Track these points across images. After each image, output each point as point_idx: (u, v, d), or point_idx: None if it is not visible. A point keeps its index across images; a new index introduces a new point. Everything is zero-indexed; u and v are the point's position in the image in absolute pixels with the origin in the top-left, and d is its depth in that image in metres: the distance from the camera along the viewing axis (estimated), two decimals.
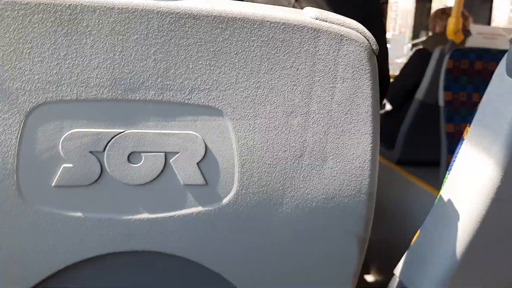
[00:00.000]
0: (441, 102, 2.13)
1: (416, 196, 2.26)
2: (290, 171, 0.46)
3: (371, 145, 0.47)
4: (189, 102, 0.42)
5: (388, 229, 2.29)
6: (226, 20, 0.41)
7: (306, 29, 0.42)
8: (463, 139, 0.56)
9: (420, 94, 2.25)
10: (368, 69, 0.44)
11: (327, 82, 0.44)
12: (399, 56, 3.68)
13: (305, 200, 0.47)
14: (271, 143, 0.45)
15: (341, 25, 0.43)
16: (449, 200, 0.57)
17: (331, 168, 0.47)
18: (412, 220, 2.03)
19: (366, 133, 0.46)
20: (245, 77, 0.43)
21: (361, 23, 0.44)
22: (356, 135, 0.46)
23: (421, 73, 2.26)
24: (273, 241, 0.47)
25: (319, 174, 0.47)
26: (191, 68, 0.42)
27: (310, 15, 0.43)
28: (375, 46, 0.45)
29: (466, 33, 2.12)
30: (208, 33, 0.41)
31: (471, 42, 2.12)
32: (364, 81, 0.45)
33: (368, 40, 0.44)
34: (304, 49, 0.43)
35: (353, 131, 0.46)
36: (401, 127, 2.37)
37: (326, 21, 0.43)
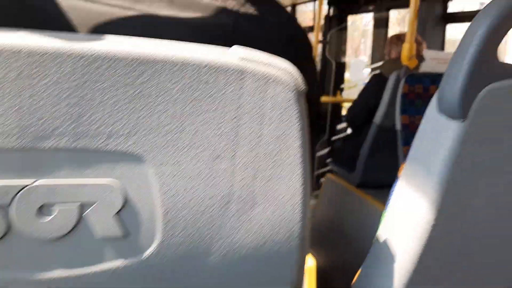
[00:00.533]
0: (398, 126, 2.17)
1: (376, 219, 2.27)
2: (218, 218, 0.44)
3: (302, 187, 0.45)
4: (106, 148, 0.40)
5: (349, 252, 2.29)
6: (145, 62, 0.39)
7: (231, 71, 0.41)
8: (397, 178, 0.55)
9: (378, 118, 2.29)
10: (297, 110, 0.43)
11: (254, 125, 0.43)
12: (359, 80, 3.76)
13: (234, 248, 0.45)
14: (197, 190, 0.43)
15: (268, 66, 0.42)
16: (386, 239, 0.56)
17: (261, 214, 0.45)
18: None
19: (297, 176, 0.45)
20: (167, 121, 0.41)
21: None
22: (286, 178, 0.45)
23: (379, 97, 2.31)
24: None
25: (249, 220, 0.45)
26: (108, 113, 0.39)
27: (236, 55, 0.41)
28: (303, 87, 0.44)
29: (420, 58, 2.19)
30: (126, 75, 0.39)
31: (425, 67, 2.19)
32: (292, 123, 0.43)
33: (296, 81, 0.43)
34: (230, 91, 0.41)
35: (283, 174, 0.45)
36: (361, 150, 2.40)
37: (252, 61, 0.41)
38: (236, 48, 0.42)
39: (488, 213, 0.52)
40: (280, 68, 0.42)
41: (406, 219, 0.53)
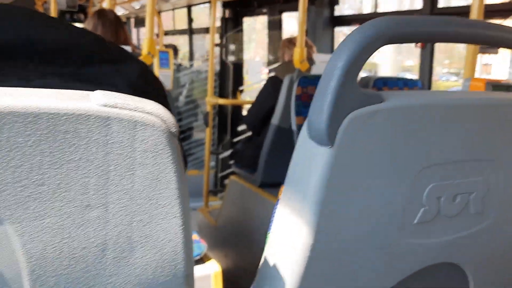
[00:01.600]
0: (294, 126, 2.27)
1: None
2: (94, 268, 0.42)
3: (182, 227, 0.45)
4: None
5: (255, 252, 2.35)
6: None
7: (94, 118, 0.39)
8: (279, 199, 0.57)
9: (275, 119, 2.37)
10: (169, 152, 0.42)
11: (125, 170, 0.41)
12: (257, 81, 3.85)
13: None
14: (67, 242, 0.40)
15: (134, 110, 0.41)
16: (272, 261, 0.58)
17: (141, 258, 0.44)
18: None
19: (175, 216, 0.44)
20: (24, 175, 0.37)
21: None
22: (165, 220, 0.44)
23: (275, 99, 2.38)
24: None
25: (128, 265, 0.43)
26: None
27: (97, 101, 0.39)
28: (174, 128, 0.43)
29: (311, 61, 2.30)
30: None
31: (316, 70, 2.31)
32: (166, 165, 0.42)
33: (166, 122, 0.42)
34: (94, 139, 0.39)
35: (161, 217, 0.44)
36: (261, 151, 2.46)
37: (117, 107, 0.40)
38: (97, 94, 0.40)
39: (362, 228, 0.57)
40: (148, 112, 0.41)
41: (287, 241, 0.55)
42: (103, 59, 0.48)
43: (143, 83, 0.48)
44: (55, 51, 0.45)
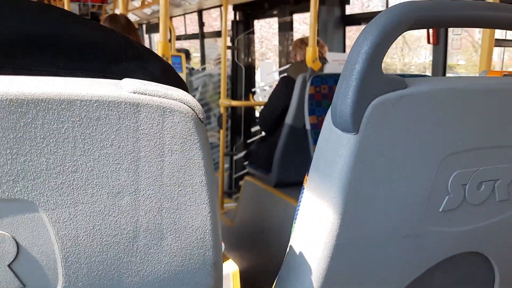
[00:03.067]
0: (307, 126, 2.26)
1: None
2: (125, 255, 0.42)
3: (210, 214, 0.45)
4: None
5: (271, 252, 2.34)
6: (26, 103, 0.36)
7: (124, 105, 0.39)
8: (303, 188, 0.57)
9: (289, 119, 2.37)
10: (197, 138, 0.43)
11: (155, 157, 0.42)
12: (269, 83, 3.86)
13: (146, 282, 0.43)
14: (99, 229, 0.41)
15: (163, 97, 0.41)
16: (298, 249, 0.58)
17: (170, 245, 0.44)
18: None
19: (204, 203, 0.45)
20: (58, 162, 0.38)
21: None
22: (193, 207, 0.44)
23: (288, 99, 2.38)
24: None
25: (158, 253, 0.44)
26: None
27: (127, 88, 0.40)
28: (201, 115, 0.43)
29: (323, 60, 2.29)
30: (5, 119, 0.36)
31: (328, 69, 2.30)
32: (194, 151, 0.43)
33: (193, 109, 0.43)
34: (124, 125, 0.40)
35: (189, 203, 0.44)
36: (275, 151, 2.46)
37: (146, 94, 0.40)
38: (127, 81, 0.40)
39: (388, 216, 0.56)
40: (176, 98, 0.41)
41: (313, 228, 0.55)
42: (129, 57, 0.49)
43: (166, 79, 0.49)
44: (84, 47, 0.46)
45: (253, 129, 3.97)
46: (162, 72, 0.51)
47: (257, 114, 3.95)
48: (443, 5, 0.51)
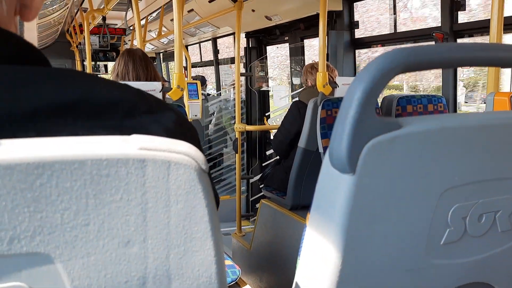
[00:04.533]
0: (320, 149, 2.28)
1: None
2: None
3: (215, 258, 0.48)
4: (9, 253, 0.40)
5: (289, 274, 2.34)
6: (42, 165, 0.40)
7: (132, 161, 0.43)
8: (306, 226, 0.60)
9: (302, 142, 2.40)
10: (200, 187, 0.46)
11: (161, 207, 0.45)
12: (282, 107, 3.91)
13: None
14: (110, 277, 0.44)
15: (168, 151, 0.44)
16: (302, 286, 0.59)
17: None
18: None
19: (209, 248, 0.47)
20: (71, 217, 0.41)
21: None
22: (199, 252, 0.47)
23: (300, 123, 2.41)
24: None
25: None
26: (7, 219, 0.39)
27: (135, 145, 0.43)
28: (204, 165, 0.47)
29: (334, 84, 2.32)
30: (23, 180, 0.39)
31: (339, 92, 2.33)
32: (198, 200, 0.46)
33: (196, 161, 0.46)
34: (132, 180, 0.43)
35: (195, 249, 0.47)
36: (290, 174, 2.48)
37: (152, 150, 0.44)
38: (135, 138, 0.44)
39: (389, 251, 0.58)
40: (180, 152, 0.45)
41: (316, 265, 0.57)
42: (143, 111, 0.52)
43: (178, 130, 0.53)
44: (101, 106, 0.50)
45: (268, 152, 4.00)
46: (175, 124, 0.54)
47: (271, 137, 3.99)
48: (430, 50, 0.53)
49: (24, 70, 0.50)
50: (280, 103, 3.96)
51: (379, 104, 2.39)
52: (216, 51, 5.03)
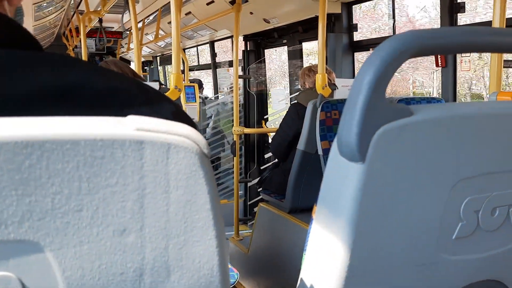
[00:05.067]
0: (320, 151, 2.26)
1: None
2: None
3: (217, 249, 0.45)
4: None
5: (288, 277, 2.30)
6: (31, 144, 0.37)
7: (128, 143, 0.40)
8: (312, 219, 0.57)
9: (301, 145, 2.37)
10: (202, 173, 0.43)
11: (160, 193, 0.42)
12: (281, 109, 3.89)
13: None
14: (104, 268, 0.41)
15: (167, 133, 0.41)
16: (309, 283, 0.56)
17: (177, 282, 0.43)
18: None
19: (210, 238, 0.44)
20: (63, 201, 0.38)
21: None
22: (200, 242, 0.44)
23: (299, 126, 2.39)
24: None
25: None
26: None
27: (131, 126, 0.40)
28: (206, 150, 0.44)
29: (333, 86, 2.30)
30: (10, 161, 0.36)
31: (338, 94, 2.31)
32: (199, 186, 0.43)
33: (198, 144, 0.43)
34: (129, 163, 0.40)
35: (196, 239, 0.44)
36: (288, 177, 2.46)
37: (150, 131, 0.41)
38: (131, 118, 0.41)
39: (399, 245, 0.55)
40: (180, 134, 0.42)
41: (323, 260, 0.54)
42: (142, 101, 0.50)
43: (177, 121, 0.50)
44: (100, 95, 0.48)
45: (267, 156, 3.97)
46: (173, 114, 0.52)
47: (270, 140, 3.97)
48: (443, 33, 0.51)
49: (20, 54, 0.48)
50: (278, 106, 3.94)
51: None
52: (213, 54, 5.01)
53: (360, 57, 3.18)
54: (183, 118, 0.54)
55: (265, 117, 4.10)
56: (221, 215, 0.46)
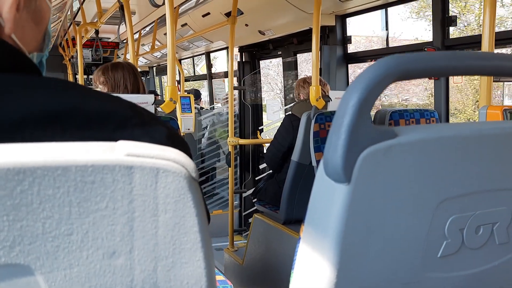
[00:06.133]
0: (314, 162, 2.27)
1: None
2: None
3: (205, 270, 0.46)
4: None
5: (282, 287, 2.30)
6: (23, 171, 0.38)
7: (118, 168, 0.41)
8: (300, 238, 0.58)
9: (295, 156, 2.38)
10: (190, 196, 0.44)
11: (149, 216, 0.43)
12: (275, 120, 3.91)
13: None
14: None
15: (156, 158, 0.43)
16: None
17: None
18: None
19: (199, 260, 0.45)
20: (53, 226, 0.39)
21: None
22: (188, 264, 0.45)
23: (293, 137, 2.41)
24: None
25: None
26: None
27: (121, 151, 0.42)
28: (194, 173, 0.45)
29: (326, 98, 2.33)
30: (2, 187, 0.37)
31: (332, 106, 2.33)
32: (188, 209, 0.44)
33: (186, 168, 0.44)
34: (119, 187, 0.41)
35: (184, 261, 0.45)
36: (283, 188, 2.47)
37: (139, 156, 0.42)
38: (121, 143, 0.42)
39: (385, 264, 0.56)
40: (169, 159, 0.43)
41: (309, 280, 0.55)
42: (135, 124, 0.51)
43: (170, 144, 0.51)
44: (92, 117, 0.49)
45: (261, 166, 3.98)
46: (167, 138, 0.53)
47: (265, 151, 3.98)
48: (427, 57, 0.53)
49: (12, 78, 0.49)
50: (273, 117, 3.96)
51: (372, 118, 2.39)
52: (209, 65, 5.04)
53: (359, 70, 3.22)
54: (176, 141, 0.54)
55: (260, 127, 4.12)
56: (209, 237, 0.47)
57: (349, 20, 3.11)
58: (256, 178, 4.00)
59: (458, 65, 0.55)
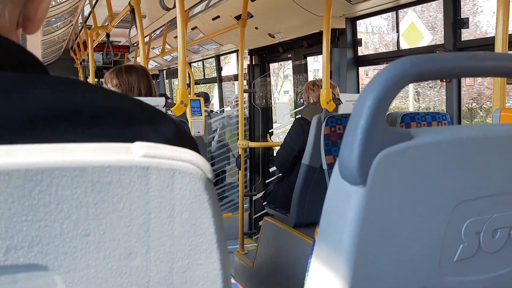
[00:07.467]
0: (324, 166, 2.26)
1: None
2: None
3: (221, 272, 0.46)
4: (5, 263, 0.38)
5: None
6: (41, 171, 0.38)
7: (135, 169, 0.41)
8: (315, 240, 0.58)
9: (305, 159, 2.38)
10: (206, 197, 0.44)
11: (165, 217, 0.43)
12: (285, 123, 3.91)
13: None
14: None
15: (172, 159, 0.43)
16: None
17: None
18: None
19: (214, 261, 0.45)
20: (71, 226, 0.39)
21: None
22: (204, 265, 0.45)
23: (304, 140, 2.40)
24: None
25: None
26: (4, 227, 0.37)
27: (138, 153, 0.42)
28: (210, 175, 0.45)
29: (337, 101, 2.32)
30: (20, 187, 0.38)
31: (343, 109, 2.32)
32: (203, 210, 0.44)
33: (202, 170, 0.44)
34: (135, 188, 0.41)
35: (200, 261, 0.45)
36: (293, 191, 2.46)
37: (155, 157, 0.42)
38: (138, 145, 0.42)
39: (401, 267, 0.56)
40: (185, 160, 0.43)
41: (325, 283, 0.55)
42: (143, 121, 0.51)
43: (179, 141, 0.51)
44: (101, 115, 0.49)
45: (272, 169, 3.98)
46: (175, 134, 0.53)
47: (275, 154, 3.98)
48: (442, 59, 0.52)
49: (20, 75, 0.49)
50: (283, 120, 3.96)
51: None
52: (219, 68, 5.05)
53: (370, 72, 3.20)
54: (185, 138, 0.55)
55: (270, 130, 4.12)
56: (224, 238, 0.47)
57: (359, 22, 3.10)
58: (266, 181, 4.00)
59: (474, 66, 0.54)
